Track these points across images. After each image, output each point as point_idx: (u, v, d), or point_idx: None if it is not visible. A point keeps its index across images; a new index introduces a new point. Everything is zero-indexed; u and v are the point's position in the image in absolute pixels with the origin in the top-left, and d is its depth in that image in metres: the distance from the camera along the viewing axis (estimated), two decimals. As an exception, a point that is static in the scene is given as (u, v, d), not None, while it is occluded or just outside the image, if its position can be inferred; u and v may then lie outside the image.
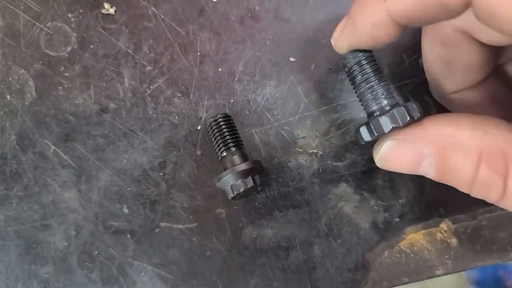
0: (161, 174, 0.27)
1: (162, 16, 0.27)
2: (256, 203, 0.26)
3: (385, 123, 0.18)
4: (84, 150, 0.27)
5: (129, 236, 0.27)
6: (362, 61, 0.20)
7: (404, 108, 0.18)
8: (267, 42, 0.27)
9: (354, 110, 0.26)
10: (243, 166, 0.24)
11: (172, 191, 0.26)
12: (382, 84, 0.20)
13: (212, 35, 0.27)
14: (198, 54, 0.27)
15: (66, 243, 0.27)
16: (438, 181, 0.18)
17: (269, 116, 0.27)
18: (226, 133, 0.25)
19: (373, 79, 0.20)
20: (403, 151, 0.18)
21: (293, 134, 0.26)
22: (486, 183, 0.16)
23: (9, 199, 0.27)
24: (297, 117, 0.27)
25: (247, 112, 0.27)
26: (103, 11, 0.28)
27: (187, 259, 0.26)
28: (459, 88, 0.21)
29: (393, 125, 0.18)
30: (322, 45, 0.27)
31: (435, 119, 0.18)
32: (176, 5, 0.27)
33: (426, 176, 0.18)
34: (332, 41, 0.21)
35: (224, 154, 0.25)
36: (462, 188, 0.17)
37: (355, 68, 0.20)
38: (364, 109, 0.21)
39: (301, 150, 0.26)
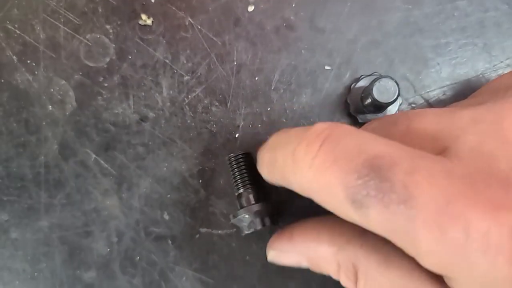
0: (200, 181, 0.27)
1: (199, 27, 0.28)
2: (294, 209, 0.27)
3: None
4: (125, 158, 0.28)
5: (170, 242, 0.27)
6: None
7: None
8: (303, 51, 0.27)
9: (389, 117, 0.27)
10: (256, 207, 0.24)
11: (211, 197, 0.27)
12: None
13: (248, 45, 0.28)
14: (235, 63, 0.28)
15: (109, 249, 0.27)
16: None
17: (305, 124, 0.27)
18: (245, 171, 0.25)
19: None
20: (284, 258, 0.23)
21: (329, 141, 0.27)
22: (346, 286, 0.21)
23: (52, 206, 0.28)
24: (333, 124, 0.27)
25: (284, 120, 0.27)
26: (140, 22, 0.28)
27: (227, 264, 0.27)
28: None
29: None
30: (356, 53, 0.27)
31: (302, 231, 0.22)
32: (212, 15, 0.28)
33: None
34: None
35: (241, 191, 0.25)
36: None
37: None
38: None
39: (337, 157, 0.27)
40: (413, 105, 0.27)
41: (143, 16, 0.28)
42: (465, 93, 0.27)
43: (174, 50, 0.28)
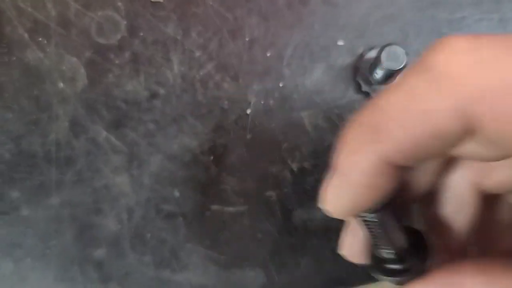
0: (212, 158, 0.27)
1: (210, 3, 0.28)
2: (306, 186, 0.27)
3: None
4: (135, 135, 0.28)
5: (180, 219, 0.27)
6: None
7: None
8: (315, 26, 0.27)
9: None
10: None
11: (222, 174, 0.27)
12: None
13: (260, 20, 0.27)
14: (247, 39, 0.27)
15: (119, 226, 0.27)
16: None
17: (317, 100, 0.27)
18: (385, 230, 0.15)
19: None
20: None
21: (342, 117, 0.27)
22: None
23: (63, 183, 0.28)
24: (346, 100, 0.27)
25: (296, 96, 0.27)
26: (151, -1, 0.28)
27: (238, 241, 0.27)
28: None
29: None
30: (370, 28, 0.27)
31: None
32: (224, -9, 0.28)
33: None
34: (322, 205, 0.15)
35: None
36: None
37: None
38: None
39: (350, 133, 0.27)
40: (428, 81, 0.27)
41: (154, -7, 0.28)
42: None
43: (185, 26, 0.28)
